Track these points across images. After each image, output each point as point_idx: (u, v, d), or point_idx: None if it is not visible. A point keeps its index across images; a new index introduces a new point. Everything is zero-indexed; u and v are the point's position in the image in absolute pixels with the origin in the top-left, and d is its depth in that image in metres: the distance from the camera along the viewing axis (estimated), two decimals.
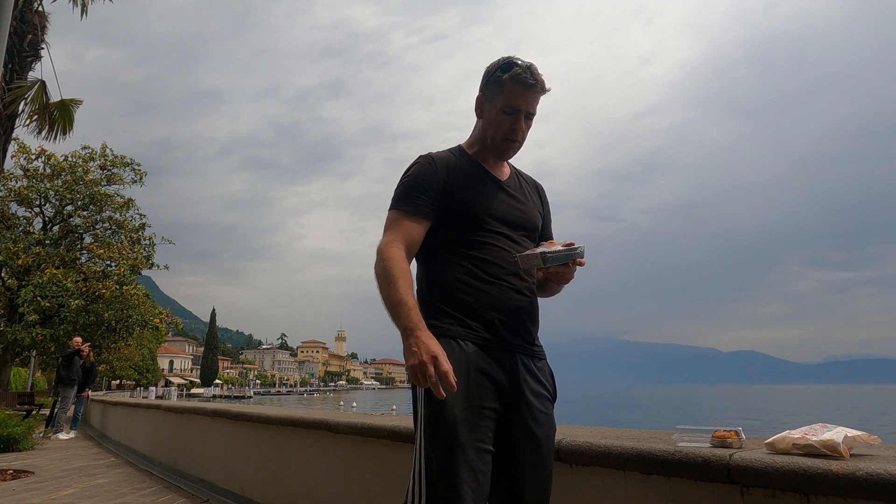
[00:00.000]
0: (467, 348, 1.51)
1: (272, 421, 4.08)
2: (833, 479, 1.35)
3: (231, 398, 69.89)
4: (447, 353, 1.46)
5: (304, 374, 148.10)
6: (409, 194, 1.64)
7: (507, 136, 1.68)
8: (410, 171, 1.69)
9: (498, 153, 1.73)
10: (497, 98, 1.65)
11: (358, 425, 3.08)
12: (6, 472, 6.04)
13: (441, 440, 1.42)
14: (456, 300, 1.58)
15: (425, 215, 1.63)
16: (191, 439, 5.84)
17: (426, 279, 1.67)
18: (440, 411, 1.43)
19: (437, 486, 1.40)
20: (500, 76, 1.64)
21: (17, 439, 8.27)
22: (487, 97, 1.69)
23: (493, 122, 1.67)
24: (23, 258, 15.56)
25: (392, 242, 1.57)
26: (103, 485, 5.49)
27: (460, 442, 1.40)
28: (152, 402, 8.60)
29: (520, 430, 1.54)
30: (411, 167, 1.70)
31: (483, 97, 1.70)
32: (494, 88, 1.66)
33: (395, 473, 2.80)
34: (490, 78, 1.67)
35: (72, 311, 15.87)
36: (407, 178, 1.68)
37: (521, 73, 1.61)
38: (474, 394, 1.46)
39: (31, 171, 16.81)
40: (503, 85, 1.63)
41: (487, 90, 1.68)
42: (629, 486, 1.82)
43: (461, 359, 1.49)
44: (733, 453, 1.57)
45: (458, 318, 1.55)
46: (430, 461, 1.42)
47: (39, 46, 7.30)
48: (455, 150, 1.75)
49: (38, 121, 7.73)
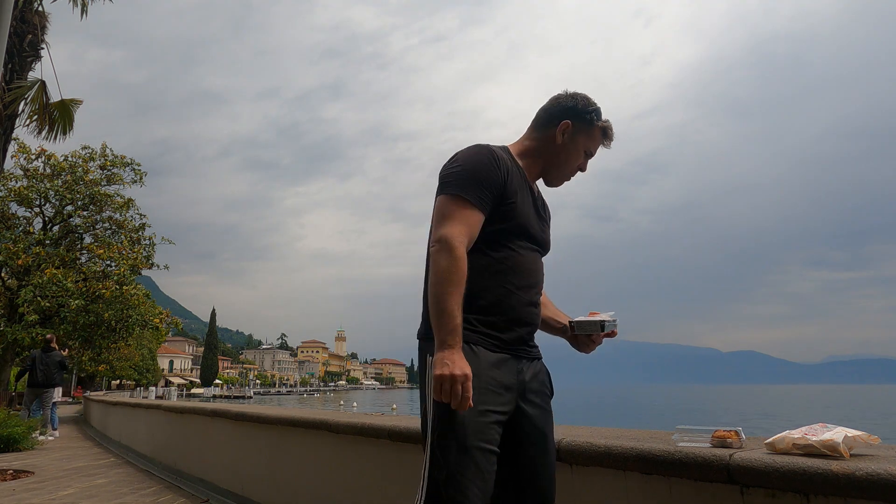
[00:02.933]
0: (479, 353, 1.52)
1: (272, 421, 4.08)
2: (833, 479, 1.35)
3: (231, 398, 69.85)
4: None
5: (304, 374, 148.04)
6: (476, 184, 1.53)
7: (572, 172, 1.73)
8: (474, 160, 1.58)
9: (552, 180, 1.75)
10: (582, 136, 1.70)
11: (358, 425, 3.08)
12: (6, 472, 6.04)
13: (451, 442, 1.43)
14: (478, 306, 1.56)
15: (484, 212, 1.56)
16: (191, 439, 5.84)
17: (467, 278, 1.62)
18: (451, 414, 1.44)
19: (446, 486, 1.42)
20: (594, 119, 1.69)
21: (17, 439, 8.27)
22: (575, 129, 1.69)
23: (570, 155, 1.70)
24: (23, 258, 15.55)
25: (461, 237, 1.48)
26: (103, 485, 5.49)
27: (469, 444, 1.43)
28: (152, 402, 8.60)
29: (523, 430, 1.58)
30: (473, 155, 1.60)
31: (571, 126, 1.69)
32: (586, 126, 1.70)
33: (396, 473, 2.79)
34: (584, 114, 1.69)
35: (72, 311, 15.86)
36: (471, 166, 1.57)
37: (610, 128, 1.72)
38: (484, 398, 1.48)
39: (31, 171, 16.80)
40: (593, 128, 1.70)
41: (577, 123, 1.69)
42: (629, 486, 1.82)
43: (474, 362, 1.49)
44: (733, 453, 1.57)
45: (476, 323, 1.55)
46: (439, 462, 1.44)
47: (39, 46, 7.30)
48: (507, 153, 1.69)
49: (38, 121, 7.72)
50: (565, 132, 1.69)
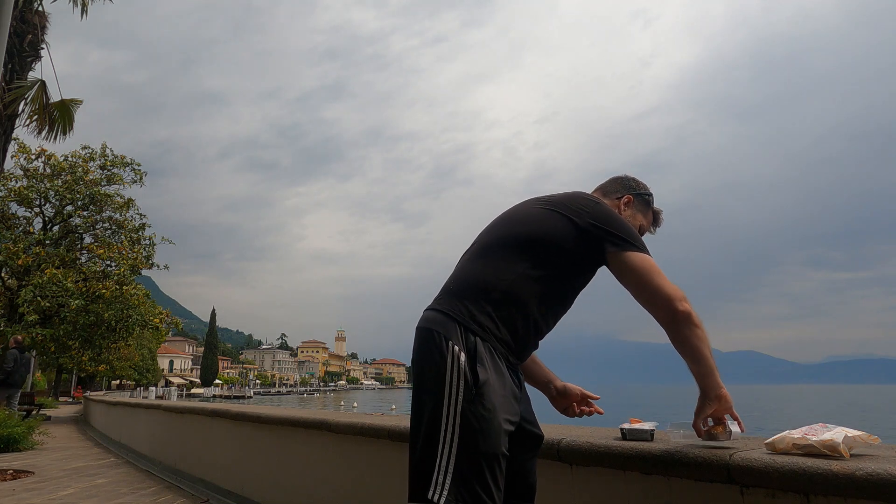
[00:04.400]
0: (501, 365, 1.56)
1: (272, 421, 4.08)
2: (833, 479, 1.34)
3: (231, 398, 69.87)
4: (491, 362, 1.52)
5: (304, 374, 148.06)
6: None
7: None
8: (626, 220, 1.76)
9: None
10: (639, 215, 1.89)
11: (358, 425, 3.08)
12: (6, 472, 6.04)
13: (489, 444, 1.44)
14: (516, 325, 1.59)
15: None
16: (191, 439, 5.84)
17: (507, 288, 1.59)
18: (493, 417, 1.46)
19: (470, 483, 1.42)
20: (650, 201, 1.92)
21: (17, 439, 8.28)
22: (635, 207, 1.89)
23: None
24: (23, 258, 15.55)
25: (685, 298, 1.59)
26: (103, 485, 5.49)
27: (501, 449, 1.46)
28: (152, 402, 8.60)
29: (522, 433, 1.64)
30: (619, 214, 1.76)
31: (632, 202, 1.89)
32: (644, 207, 1.91)
33: (395, 473, 2.80)
34: (644, 196, 1.91)
35: (72, 311, 15.87)
36: (630, 224, 1.71)
37: (662, 216, 1.95)
38: (511, 408, 1.53)
39: (31, 171, 16.80)
40: (649, 210, 1.92)
41: (638, 203, 1.90)
42: (629, 486, 1.82)
43: (501, 372, 1.54)
44: (733, 453, 1.57)
45: (506, 336, 1.58)
46: (466, 458, 1.43)
47: (39, 46, 7.30)
48: None
49: (38, 121, 7.73)
50: (624, 208, 1.88)
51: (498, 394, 1.49)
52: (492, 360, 1.51)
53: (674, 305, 1.56)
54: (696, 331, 1.56)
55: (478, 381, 1.46)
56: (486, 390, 1.47)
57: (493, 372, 1.50)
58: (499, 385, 1.50)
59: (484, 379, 1.48)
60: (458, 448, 1.44)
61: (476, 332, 1.53)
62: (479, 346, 1.51)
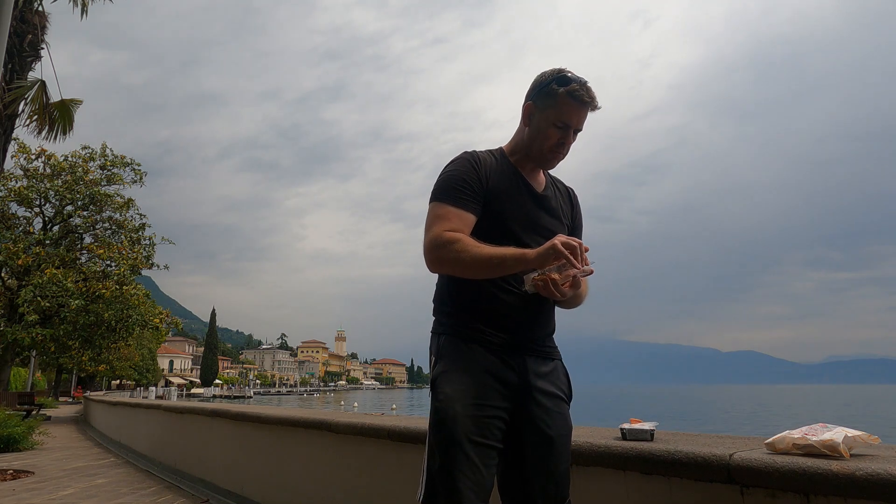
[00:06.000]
0: (474, 349, 1.55)
1: (272, 421, 4.08)
2: (833, 479, 1.35)
3: (231, 398, 69.85)
4: (452, 353, 1.55)
5: (304, 374, 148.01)
6: (453, 188, 1.60)
7: (554, 148, 1.66)
8: (452, 167, 1.65)
9: (541, 164, 1.72)
10: (549, 110, 1.62)
11: (358, 425, 3.08)
12: (6, 472, 6.04)
13: (443, 433, 1.47)
14: (475, 308, 1.59)
15: (471, 210, 1.59)
16: (191, 439, 5.83)
17: (448, 280, 1.66)
18: (447, 407, 1.48)
19: (438, 476, 1.45)
20: (555, 88, 1.60)
21: (17, 439, 8.28)
22: (539, 107, 1.64)
23: (543, 133, 1.64)
24: (23, 258, 15.54)
25: (443, 231, 1.53)
26: (103, 485, 5.49)
27: (461, 436, 1.45)
28: (152, 402, 8.60)
29: (529, 429, 1.55)
30: (453, 162, 1.66)
31: (533, 106, 1.65)
32: (548, 100, 1.62)
33: (395, 473, 2.79)
34: (544, 88, 1.62)
35: (72, 311, 15.86)
36: (449, 173, 1.64)
37: (577, 89, 1.59)
38: (479, 392, 1.50)
39: (31, 171, 16.80)
40: (557, 98, 1.60)
41: (539, 100, 1.64)
42: (629, 486, 1.82)
43: (467, 358, 1.54)
44: (733, 453, 1.57)
45: (471, 322, 1.58)
46: (433, 452, 1.48)
47: (39, 46, 7.30)
48: (497, 154, 1.72)
49: (38, 121, 7.72)
50: (530, 115, 1.67)
51: (454, 381, 1.50)
52: (455, 350, 1.55)
53: (425, 252, 1.54)
54: (447, 263, 1.50)
55: (437, 378, 1.54)
56: (440, 381, 1.52)
57: (452, 361, 1.54)
58: (458, 372, 1.51)
59: (438, 372, 1.54)
60: (427, 447, 1.51)
61: (440, 332, 1.61)
62: (442, 342, 1.58)
